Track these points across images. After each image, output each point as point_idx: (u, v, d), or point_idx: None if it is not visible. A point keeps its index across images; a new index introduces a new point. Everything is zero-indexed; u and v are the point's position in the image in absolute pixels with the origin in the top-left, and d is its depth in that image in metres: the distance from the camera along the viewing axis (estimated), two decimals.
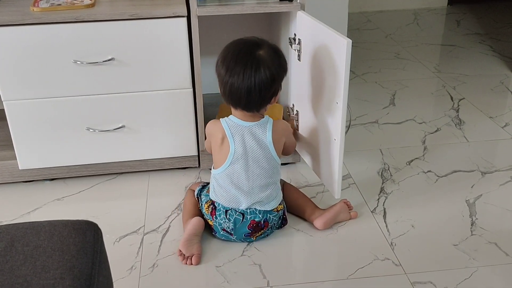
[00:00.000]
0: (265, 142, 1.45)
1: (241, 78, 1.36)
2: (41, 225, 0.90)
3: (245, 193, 1.45)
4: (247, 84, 1.37)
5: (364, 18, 3.49)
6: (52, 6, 1.58)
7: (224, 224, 1.47)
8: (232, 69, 1.37)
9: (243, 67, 1.36)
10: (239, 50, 1.39)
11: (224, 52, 1.41)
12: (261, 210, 1.46)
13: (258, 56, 1.38)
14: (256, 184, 1.46)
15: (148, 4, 1.63)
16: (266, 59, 1.38)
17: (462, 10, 3.64)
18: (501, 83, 2.51)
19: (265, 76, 1.37)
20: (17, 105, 1.63)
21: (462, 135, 2.07)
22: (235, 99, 1.41)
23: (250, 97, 1.39)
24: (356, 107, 2.29)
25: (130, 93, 1.67)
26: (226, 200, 1.47)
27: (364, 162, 1.89)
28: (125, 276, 1.40)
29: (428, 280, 1.37)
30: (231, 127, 1.45)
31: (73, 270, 0.82)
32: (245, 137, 1.44)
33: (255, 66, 1.36)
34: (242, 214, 1.45)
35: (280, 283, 1.37)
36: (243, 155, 1.44)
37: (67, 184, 1.79)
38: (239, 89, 1.38)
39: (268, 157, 1.46)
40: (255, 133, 1.45)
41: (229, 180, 1.45)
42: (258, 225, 1.46)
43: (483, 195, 1.70)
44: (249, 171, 1.45)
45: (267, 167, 1.46)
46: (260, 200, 1.46)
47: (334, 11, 2.16)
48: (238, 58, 1.38)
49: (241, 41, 1.43)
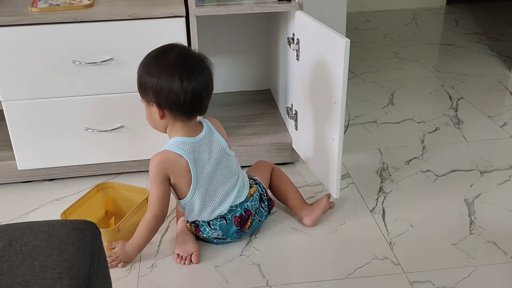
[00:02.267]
0: (220, 146, 1.41)
1: (199, 79, 1.30)
2: (40, 225, 0.90)
3: (220, 202, 1.43)
4: (204, 84, 1.32)
5: (363, 18, 3.50)
6: (51, 6, 1.58)
7: (212, 234, 1.46)
8: (187, 75, 1.28)
9: (194, 68, 1.29)
10: (175, 59, 1.30)
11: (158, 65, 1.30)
12: (237, 204, 1.44)
13: (194, 56, 1.33)
14: (226, 189, 1.42)
15: (147, 4, 1.63)
16: (203, 59, 1.34)
17: (460, 9, 3.64)
18: (500, 83, 2.51)
19: (211, 71, 1.34)
20: (16, 106, 1.63)
21: (461, 134, 2.07)
22: (196, 105, 1.32)
23: (209, 96, 1.34)
24: (355, 107, 2.29)
25: (129, 93, 1.67)
26: (205, 216, 1.43)
27: (363, 162, 1.89)
28: (124, 276, 1.40)
29: (427, 279, 1.37)
30: (190, 152, 1.35)
31: (71, 270, 0.82)
32: (202, 155, 1.37)
33: (200, 65, 1.31)
34: (223, 218, 1.44)
35: (279, 282, 1.37)
36: (207, 173, 1.38)
37: (66, 184, 1.79)
38: (200, 92, 1.31)
39: (224, 158, 1.42)
40: (209, 144, 1.39)
41: (201, 200, 1.40)
42: (242, 218, 1.45)
43: (481, 194, 1.70)
44: (214, 183, 1.41)
45: (227, 167, 1.43)
46: (237, 197, 1.44)
47: (333, 10, 2.16)
48: (185, 61, 1.30)
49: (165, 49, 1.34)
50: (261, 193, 1.50)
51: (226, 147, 1.42)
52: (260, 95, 2.18)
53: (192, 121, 1.38)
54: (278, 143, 1.82)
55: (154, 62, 1.32)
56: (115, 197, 1.62)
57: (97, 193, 1.59)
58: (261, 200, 1.50)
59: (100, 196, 1.60)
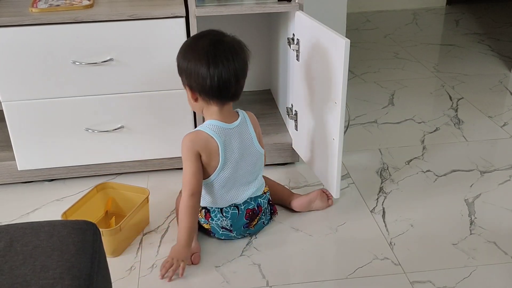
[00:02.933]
0: (251, 139, 1.45)
1: (227, 65, 1.32)
2: (41, 225, 0.90)
3: (237, 193, 1.46)
4: (233, 70, 1.33)
5: (363, 18, 3.50)
6: (51, 6, 1.58)
7: (222, 222, 1.47)
8: (214, 61, 1.31)
9: (223, 55, 1.32)
10: (207, 45, 1.33)
11: (192, 50, 1.35)
12: (252, 197, 1.48)
13: (226, 42, 1.34)
14: (246, 181, 1.47)
15: (147, 4, 1.63)
16: (236, 45, 1.35)
17: (461, 10, 3.64)
18: (500, 83, 2.51)
19: (243, 58, 1.35)
20: (16, 106, 1.63)
21: (461, 134, 2.07)
22: (224, 90, 1.35)
23: (238, 83, 1.36)
24: (355, 107, 2.29)
25: (129, 94, 1.67)
26: (221, 202, 1.46)
27: (363, 162, 1.89)
28: (124, 277, 1.40)
29: (428, 279, 1.37)
30: (221, 135, 1.39)
31: (72, 270, 0.82)
32: (233, 141, 1.41)
33: (231, 51, 1.33)
34: (236, 207, 1.47)
35: (279, 283, 1.37)
36: (232, 160, 1.42)
37: (67, 184, 1.79)
38: (227, 78, 1.33)
39: (254, 153, 1.46)
40: (241, 134, 1.43)
41: (220, 185, 1.44)
42: (254, 212, 1.48)
43: (482, 194, 1.70)
44: (238, 173, 1.44)
45: (254, 162, 1.47)
46: (255, 191, 1.49)
47: (333, 11, 2.16)
48: (216, 47, 1.32)
49: (202, 35, 1.38)
50: (268, 196, 1.55)
51: (256, 142, 1.46)
52: (260, 95, 2.18)
53: (226, 107, 1.40)
54: (278, 143, 1.82)
55: (189, 46, 1.38)
56: (115, 197, 1.62)
57: (97, 193, 1.59)
58: (268, 201, 1.54)
59: (100, 196, 1.60)
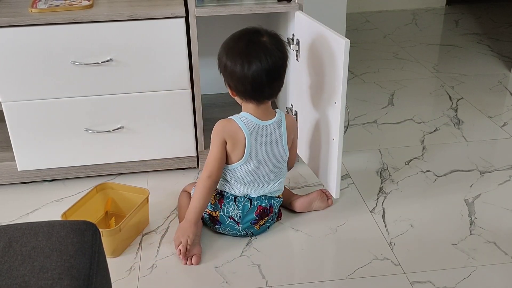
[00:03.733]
0: (281, 140, 1.47)
1: (260, 66, 1.33)
2: (39, 226, 0.90)
3: (256, 187, 1.48)
4: (266, 71, 1.34)
5: (363, 19, 3.50)
6: (50, 7, 1.58)
7: (232, 211, 1.48)
8: (247, 61, 1.34)
9: (256, 55, 1.33)
10: (243, 43, 1.36)
11: (229, 49, 1.38)
12: (267, 196, 1.50)
13: (264, 42, 1.36)
14: (267, 179, 1.49)
15: (146, 5, 1.63)
16: (273, 44, 1.36)
17: (460, 10, 3.65)
18: (500, 83, 2.51)
19: (279, 59, 1.36)
20: (16, 106, 1.63)
21: (461, 134, 2.07)
22: (258, 90, 1.38)
23: (270, 82, 1.37)
24: (355, 107, 2.29)
25: (128, 94, 1.67)
26: (238, 190, 1.48)
27: (363, 162, 1.89)
28: (124, 277, 1.40)
29: (427, 279, 1.37)
30: (248, 127, 1.42)
31: (71, 271, 0.82)
32: (262, 138, 1.44)
33: (264, 51, 1.34)
34: (250, 200, 1.48)
35: (279, 283, 1.37)
36: (257, 155, 1.45)
37: (66, 185, 1.79)
38: (260, 79, 1.35)
39: (281, 154, 1.49)
40: (272, 133, 1.45)
41: (241, 175, 1.47)
42: (264, 211, 1.49)
43: (482, 194, 1.70)
44: (261, 168, 1.47)
45: (279, 163, 1.49)
46: (272, 191, 1.51)
47: (332, 11, 2.16)
48: (249, 47, 1.35)
49: (241, 33, 1.40)
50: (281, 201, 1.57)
51: (285, 144, 1.47)
52: None
53: (263, 105, 1.42)
54: None
55: (228, 44, 1.39)
56: (114, 197, 1.62)
57: (96, 193, 1.59)
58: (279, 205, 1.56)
59: (100, 197, 1.60)
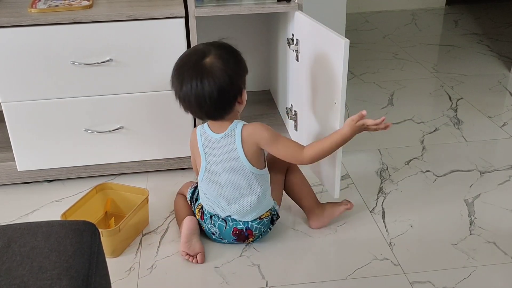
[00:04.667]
0: (235, 153, 1.37)
1: (191, 93, 1.30)
2: (38, 226, 0.90)
3: (220, 204, 1.44)
4: (196, 95, 1.30)
5: (362, 19, 3.50)
6: (50, 7, 1.58)
7: (211, 228, 1.47)
8: (180, 86, 1.31)
9: (189, 79, 1.29)
10: (184, 62, 1.33)
11: (175, 66, 1.35)
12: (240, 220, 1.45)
13: (203, 65, 1.30)
14: (231, 196, 1.42)
15: (146, 5, 1.63)
16: (212, 68, 1.29)
17: (460, 10, 3.65)
18: (499, 83, 2.51)
19: (211, 85, 1.29)
20: (16, 107, 1.63)
21: (461, 134, 2.07)
22: (193, 113, 1.37)
23: (204, 108, 1.32)
24: (355, 107, 2.29)
25: (128, 94, 1.67)
26: (208, 206, 1.46)
27: (362, 162, 1.89)
28: (123, 277, 1.40)
29: (427, 279, 1.37)
30: (203, 139, 1.41)
31: (70, 271, 0.81)
32: (215, 151, 1.39)
33: (200, 76, 1.29)
34: (224, 220, 1.45)
35: (279, 283, 1.37)
36: (215, 168, 1.40)
37: (66, 185, 1.79)
38: (189, 101, 1.32)
39: (240, 168, 1.38)
40: (224, 146, 1.38)
41: (207, 188, 1.44)
42: (242, 233, 1.44)
43: (481, 194, 1.70)
44: (222, 183, 1.41)
45: (240, 179, 1.39)
46: (238, 212, 1.43)
47: (332, 11, 2.16)
48: (184, 71, 1.31)
49: (186, 53, 1.37)
50: (272, 215, 1.48)
51: (244, 158, 1.37)
52: (260, 96, 2.18)
53: (210, 121, 1.40)
54: None
55: (177, 61, 1.36)
56: (114, 198, 1.62)
57: (96, 194, 1.59)
58: (272, 222, 1.49)
59: (100, 197, 1.60)
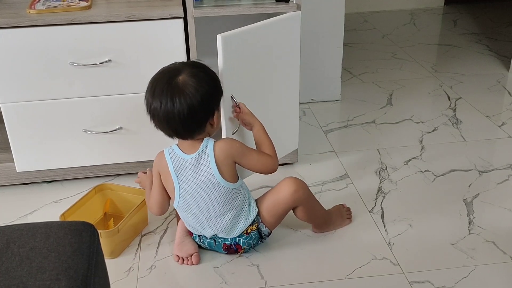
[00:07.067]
0: (209, 171, 1.33)
1: (160, 109, 1.28)
2: (37, 226, 0.90)
3: (202, 226, 1.41)
4: (164, 112, 1.28)
5: (361, 19, 3.50)
6: (49, 8, 1.58)
7: (201, 245, 1.47)
8: (151, 101, 1.29)
9: (160, 95, 1.28)
10: (158, 78, 1.31)
11: (150, 81, 1.33)
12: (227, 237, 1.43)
13: (176, 83, 1.28)
14: (210, 215, 1.38)
15: (145, 5, 1.63)
16: (184, 87, 1.27)
17: (458, 10, 3.65)
18: (498, 82, 2.51)
19: (182, 103, 1.27)
20: (14, 108, 1.63)
21: (459, 134, 2.07)
22: (164, 131, 1.34)
23: (172, 125, 1.30)
24: (353, 107, 2.29)
25: (127, 95, 1.67)
26: (192, 229, 1.45)
27: (361, 162, 1.89)
28: (123, 278, 1.40)
29: (426, 279, 1.37)
30: (174, 161, 1.36)
31: (68, 271, 0.81)
32: (187, 172, 1.35)
33: (170, 93, 1.27)
34: (213, 239, 1.44)
35: (278, 283, 1.37)
36: (189, 190, 1.36)
37: (65, 186, 1.79)
38: (160, 118, 1.30)
39: (216, 186, 1.34)
40: (196, 166, 1.34)
41: (185, 213, 1.41)
42: (231, 248, 1.44)
43: (480, 194, 1.70)
44: (198, 205, 1.37)
45: (217, 196, 1.35)
46: (221, 230, 1.40)
47: (331, 11, 2.16)
48: (156, 86, 1.29)
49: (162, 70, 1.34)
50: (261, 231, 1.44)
51: (218, 175, 1.33)
52: None
53: (180, 141, 1.37)
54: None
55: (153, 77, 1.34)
56: (113, 198, 1.62)
57: (95, 194, 1.59)
58: (261, 236, 1.45)
59: (99, 198, 1.60)
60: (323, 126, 2.14)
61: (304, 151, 1.94)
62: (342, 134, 2.09)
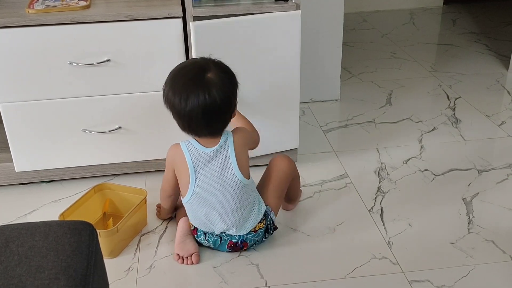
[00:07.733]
0: (230, 165, 1.36)
1: (200, 101, 1.28)
2: (36, 226, 0.90)
3: (214, 221, 1.41)
4: (207, 106, 1.29)
5: (360, 18, 3.50)
6: (48, 7, 1.58)
7: (205, 243, 1.46)
8: (187, 95, 1.29)
9: (199, 90, 1.29)
10: (187, 77, 1.32)
11: (173, 81, 1.34)
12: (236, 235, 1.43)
13: (207, 79, 1.30)
14: (224, 211, 1.39)
15: (144, 5, 1.63)
16: (216, 81, 1.30)
17: (457, 9, 3.65)
18: (497, 82, 2.51)
19: (219, 98, 1.29)
20: (13, 107, 1.63)
21: (459, 133, 2.07)
22: (197, 128, 1.34)
23: (213, 120, 1.32)
24: (353, 107, 2.29)
25: (126, 94, 1.67)
26: (200, 225, 1.45)
27: (361, 162, 1.89)
28: (122, 277, 1.40)
29: (426, 278, 1.37)
30: (193, 155, 1.37)
31: (68, 270, 0.81)
32: (207, 166, 1.36)
33: (210, 88, 1.29)
34: (219, 236, 1.44)
35: (277, 283, 1.37)
36: (205, 185, 1.37)
37: (64, 186, 1.79)
38: (199, 115, 1.30)
39: (231, 181, 1.37)
40: (217, 159, 1.36)
41: (197, 208, 1.41)
42: (237, 245, 1.44)
43: (480, 193, 1.70)
44: (213, 200, 1.38)
45: (233, 192, 1.38)
46: (233, 225, 1.41)
47: (330, 11, 2.16)
48: (189, 86, 1.30)
49: (188, 66, 1.36)
50: (268, 225, 1.47)
51: (237, 170, 1.36)
52: None
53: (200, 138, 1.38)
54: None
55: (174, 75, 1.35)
56: (112, 198, 1.62)
57: (94, 194, 1.59)
58: (267, 231, 1.47)
59: (98, 198, 1.60)
60: (322, 126, 2.14)
61: (304, 150, 1.94)
62: (341, 133, 2.09)
